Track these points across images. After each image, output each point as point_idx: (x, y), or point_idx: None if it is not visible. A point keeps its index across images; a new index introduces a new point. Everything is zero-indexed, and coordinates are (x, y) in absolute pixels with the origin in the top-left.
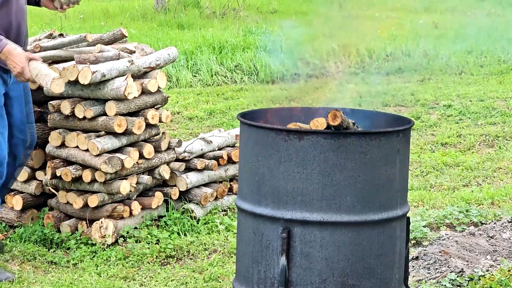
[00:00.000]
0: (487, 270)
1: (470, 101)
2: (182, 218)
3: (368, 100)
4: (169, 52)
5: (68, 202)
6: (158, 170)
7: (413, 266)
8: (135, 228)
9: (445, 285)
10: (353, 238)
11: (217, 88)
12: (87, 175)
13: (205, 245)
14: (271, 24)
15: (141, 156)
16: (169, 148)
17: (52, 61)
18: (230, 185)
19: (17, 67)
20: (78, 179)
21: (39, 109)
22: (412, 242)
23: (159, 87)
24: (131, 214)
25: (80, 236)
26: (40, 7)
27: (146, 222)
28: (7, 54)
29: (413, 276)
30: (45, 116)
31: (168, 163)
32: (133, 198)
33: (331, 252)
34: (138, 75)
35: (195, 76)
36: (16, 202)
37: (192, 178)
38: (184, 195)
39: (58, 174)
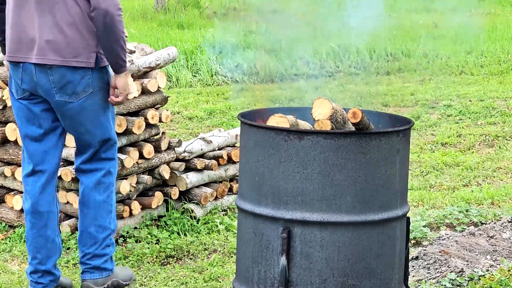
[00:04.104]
0: (487, 270)
1: (470, 101)
2: (182, 218)
3: (368, 100)
4: (169, 52)
5: (68, 202)
6: (158, 170)
7: (413, 266)
8: (135, 228)
9: (445, 285)
10: (353, 238)
11: (217, 88)
12: None
13: (205, 245)
14: (271, 24)
15: (141, 156)
16: (169, 148)
17: None
18: (230, 185)
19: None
20: (78, 179)
21: None
22: (412, 242)
23: (159, 87)
24: (131, 214)
25: None
26: None
27: (146, 222)
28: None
29: (413, 276)
30: None
31: (168, 163)
32: (133, 198)
33: (331, 252)
34: (138, 75)
35: (195, 76)
36: (16, 202)
37: (192, 178)
38: (184, 195)
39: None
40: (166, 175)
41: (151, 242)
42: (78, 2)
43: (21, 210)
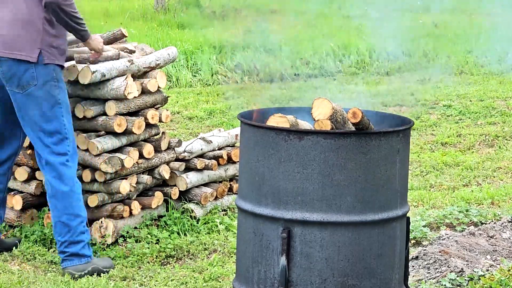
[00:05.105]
0: (487, 270)
1: (470, 101)
2: (182, 218)
3: (368, 100)
4: (169, 52)
5: None
6: (158, 170)
7: (413, 266)
8: (135, 228)
9: (445, 285)
10: (353, 238)
11: (217, 88)
12: (87, 175)
13: (205, 245)
14: (270, 23)
15: (141, 156)
16: (169, 148)
17: None
18: (230, 185)
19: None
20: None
21: None
22: (412, 242)
23: (159, 87)
24: (131, 214)
25: None
26: None
27: (146, 222)
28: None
29: (413, 276)
30: None
31: (168, 163)
32: (133, 198)
33: (331, 252)
34: (138, 75)
35: (195, 76)
36: (16, 202)
37: (192, 178)
38: (184, 195)
39: None
40: (166, 175)
41: (151, 242)
42: (27, 1)
43: (21, 210)
